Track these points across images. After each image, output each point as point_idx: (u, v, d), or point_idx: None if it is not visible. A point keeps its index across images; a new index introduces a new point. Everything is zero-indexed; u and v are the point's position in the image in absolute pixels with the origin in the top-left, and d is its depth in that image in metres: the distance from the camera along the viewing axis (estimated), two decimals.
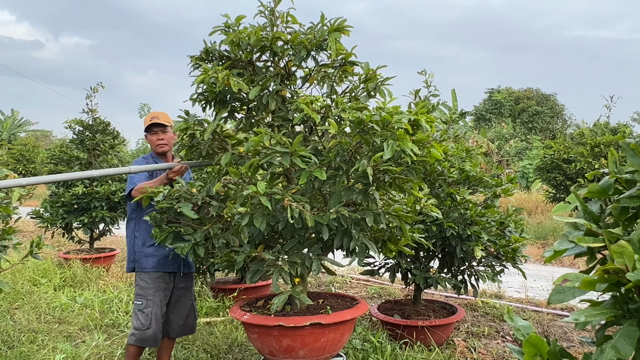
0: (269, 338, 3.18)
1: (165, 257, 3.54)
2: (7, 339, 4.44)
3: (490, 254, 4.36)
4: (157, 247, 3.49)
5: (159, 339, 3.54)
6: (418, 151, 2.74)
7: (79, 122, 7.80)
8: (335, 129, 2.82)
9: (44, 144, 29.21)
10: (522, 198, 15.04)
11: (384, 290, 6.55)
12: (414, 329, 4.24)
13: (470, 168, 4.35)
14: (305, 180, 2.84)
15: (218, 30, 3.36)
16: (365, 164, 2.75)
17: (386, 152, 2.66)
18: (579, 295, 1.09)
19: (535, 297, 6.14)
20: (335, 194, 3.01)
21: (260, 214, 2.87)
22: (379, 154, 2.71)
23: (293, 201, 2.83)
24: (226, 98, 3.44)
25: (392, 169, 2.80)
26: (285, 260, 3.09)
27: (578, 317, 1.01)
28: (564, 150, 9.43)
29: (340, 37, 3.26)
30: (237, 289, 5.55)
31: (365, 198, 2.97)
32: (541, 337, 1.06)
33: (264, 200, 2.74)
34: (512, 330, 4.86)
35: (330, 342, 3.20)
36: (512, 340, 4.69)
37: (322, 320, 3.08)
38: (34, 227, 11.56)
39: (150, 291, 3.51)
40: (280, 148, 2.85)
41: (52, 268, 6.89)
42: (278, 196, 2.80)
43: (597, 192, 1.33)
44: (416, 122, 2.89)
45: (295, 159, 2.84)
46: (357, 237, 3.08)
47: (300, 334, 3.10)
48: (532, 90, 31.26)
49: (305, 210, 2.85)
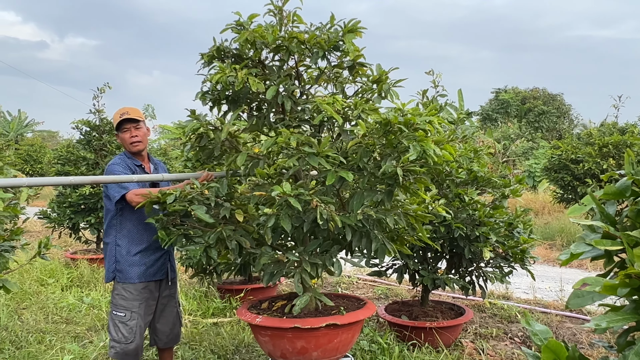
0: (283, 340, 3.17)
1: (152, 265, 3.35)
2: (15, 339, 4.45)
3: (499, 255, 4.33)
4: (142, 255, 3.31)
5: (140, 353, 3.34)
6: (440, 152, 2.81)
7: (86, 123, 7.82)
8: (364, 130, 2.88)
9: (50, 144, 29.32)
10: (529, 198, 14.97)
11: (390, 291, 6.53)
12: (421, 331, 4.21)
13: (478, 168, 4.32)
14: (333, 181, 2.83)
15: (230, 28, 3.34)
16: (394, 165, 2.80)
17: (412, 153, 2.72)
18: (598, 299, 1.07)
19: (543, 299, 6.10)
20: (357, 195, 3.03)
21: (286, 215, 2.85)
22: (407, 155, 2.75)
23: (321, 202, 2.84)
24: (238, 97, 3.39)
25: (418, 169, 2.85)
26: (307, 261, 3.09)
27: (600, 322, 0.99)
28: (572, 151, 9.37)
29: (355, 38, 3.25)
30: (243, 290, 5.54)
31: (389, 199, 3.00)
32: (560, 343, 1.04)
33: (293, 202, 2.72)
34: (520, 332, 4.83)
35: (343, 343, 3.23)
36: (521, 341, 4.65)
37: (338, 321, 3.10)
38: (41, 227, 11.62)
39: (136, 303, 3.28)
40: (308, 149, 2.86)
41: (59, 268, 6.92)
42: (307, 197, 2.80)
43: (614, 193, 1.30)
44: (431, 123, 2.91)
45: (321, 160, 2.84)
46: (379, 238, 3.12)
47: (315, 335, 3.12)
48: (538, 90, 31.11)
49: (333, 211, 2.86)
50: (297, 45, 3.17)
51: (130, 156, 3.44)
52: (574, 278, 7.51)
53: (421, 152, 2.74)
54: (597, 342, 1.49)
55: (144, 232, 3.32)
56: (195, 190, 3.07)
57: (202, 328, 4.74)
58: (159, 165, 3.63)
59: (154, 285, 3.40)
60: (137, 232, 3.33)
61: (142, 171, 3.42)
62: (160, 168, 3.63)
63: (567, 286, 6.74)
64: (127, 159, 3.42)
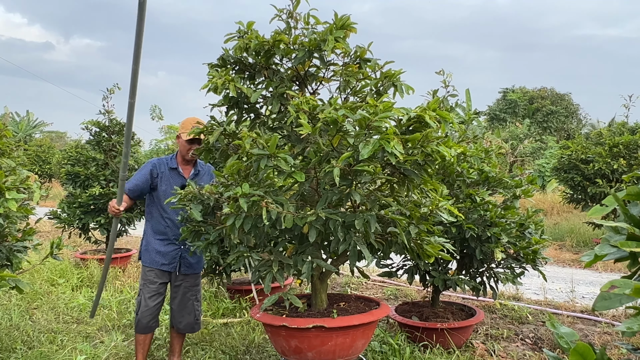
0: (279, 337, 3.21)
1: (164, 255, 3.75)
2: (26, 339, 4.47)
3: (510, 255, 4.31)
4: (159, 244, 3.76)
5: (149, 328, 3.75)
6: (402, 150, 2.58)
7: (95, 123, 7.85)
8: (308, 130, 2.73)
9: (58, 145, 29.47)
10: (537, 198, 14.89)
11: (400, 291, 6.51)
12: (433, 332, 4.19)
13: (489, 169, 4.30)
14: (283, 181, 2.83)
15: (233, 37, 3.36)
16: (333, 165, 2.69)
17: (363, 152, 2.57)
18: (626, 302, 1.05)
19: (554, 299, 6.06)
20: (323, 195, 2.98)
21: (242, 215, 2.87)
22: (347, 154, 2.63)
23: (272, 203, 2.80)
24: (236, 103, 3.47)
25: (368, 169, 2.69)
26: (276, 262, 3.08)
27: (631, 325, 0.98)
28: (582, 151, 9.29)
29: (347, 35, 3.21)
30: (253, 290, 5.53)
31: (346, 199, 2.93)
32: (588, 345, 1.03)
33: (242, 202, 2.75)
34: (532, 333, 4.80)
35: (340, 347, 3.14)
36: (532, 343, 4.62)
37: (325, 324, 3.04)
38: (50, 227, 11.69)
39: (143, 282, 3.79)
40: (258, 150, 2.81)
41: (70, 268, 6.94)
42: (255, 197, 2.78)
43: (637, 194, 1.29)
44: (419, 118, 2.75)
45: (278, 162, 2.77)
46: (345, 240, 2.96)
47: (306, 336, 3.10)
48: (546, 89, 30.92)
49: (285, 212, 2.81)
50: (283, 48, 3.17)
51: (175, 159, 3.87)
52: (584, 279, 7.46)
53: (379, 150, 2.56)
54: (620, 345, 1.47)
55: (163, 224, 3.78)
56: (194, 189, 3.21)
57: (212, 328, 4.75)
58: (203, 171, 3.96)
59: (161, 273, 3.78)
60: (157, 224, 3.81)
61: (174, 173, 3.83)
62: (205, 174, 3.97)
63: (578, 287, 6.70)
64: (170, 160, 3.86)
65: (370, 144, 2.54)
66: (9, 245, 3.57)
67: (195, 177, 3.87)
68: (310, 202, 3.16)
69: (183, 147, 3.80)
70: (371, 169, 2.67)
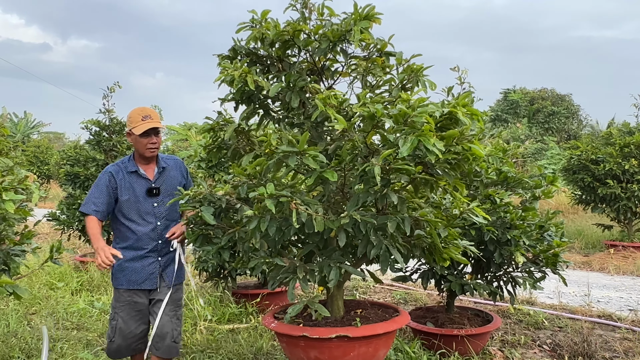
0: (297, 349, 3.01)
1: (139, 272, 3.23)
2: (24, 346, 4.27)
3: (529, 259, 4.14)
4: (131, 260, 3.21)
5: (122, 355, 3.31)
6: (442, 148, 2.40)
7: (95, 123, 7.67)
8: (343, 125, 2.53)
9: (56, 146, 29.25)
10: (543, 199, 14.71)
11: (409, 295, 6.34)
12: (451, 339, 4.02)
13: (508, 168, 4.13)
14: (312, 182, 2.62)
15: (245, 26, 3.16)
16: (373, 163, 2.47)
17: (403, 150, 2.37)
18: None
19: (568, 304, 5.88)
20: (354, 196, 2.78)
21: (268, 218, 2.66)
22: (389, 151, 2.44)
23: (302, 204, 2.60)
24: (250, 97, 3.22)
25: (409, 168, 2.50)
26: (302, 268, 2.89)
27: None
28: (592, 151, 9.12)
29: (371, 26, 3.03)
30: (259, 295, 5.35)
31: (383, 200, 2.68)
32: None
33: (269, 203, 2.52)
34: (549, 339, 4.62)
35: (362, 357, 2.98)
36: (550, 349, 4.45)
37: (350, 334, 2.87)
38: (49, 229, 11.48)
39: (118, 304, 3.27)
40: (286, 147, 2.60)
41: (69, 271, 6.74)
42: (284, 199, 2.57)
43: None
44: (451, 114, 2.57)
45: (306, 160, 2.57)
46: (378, 243, 2.79)
47: (328, 347, 2.91)
48: (546, 90, 30.77)
49: (315, 214, 2.61)
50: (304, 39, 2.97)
51: (133, 159, 3.30)
52: (597, 282, 7.28)
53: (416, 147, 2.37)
54: None
55: (134, 238, 3.23)
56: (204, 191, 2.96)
57: (218, 335, 4.56)
58: (169, 167, 3.37)
59: (142, 292, 3.29)
60: (125, 239, 3.26)
61: (135, 177, 3.25)
62: (173, 168, 3.38)
63: (594, 291, 6.53)
64: (127, 163, 3.29)
65: (409, 141, 2.32)
66: (6, 249, 3.39)
67: (161, 176, 3.31)
68: (334, 203, 2.96)
69: (138, 142, 3.19)
70: (411, 167, 2.47)
